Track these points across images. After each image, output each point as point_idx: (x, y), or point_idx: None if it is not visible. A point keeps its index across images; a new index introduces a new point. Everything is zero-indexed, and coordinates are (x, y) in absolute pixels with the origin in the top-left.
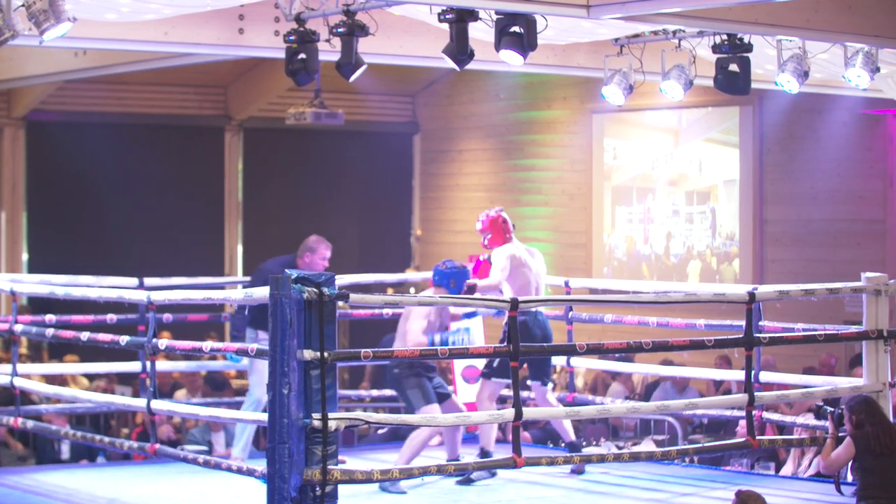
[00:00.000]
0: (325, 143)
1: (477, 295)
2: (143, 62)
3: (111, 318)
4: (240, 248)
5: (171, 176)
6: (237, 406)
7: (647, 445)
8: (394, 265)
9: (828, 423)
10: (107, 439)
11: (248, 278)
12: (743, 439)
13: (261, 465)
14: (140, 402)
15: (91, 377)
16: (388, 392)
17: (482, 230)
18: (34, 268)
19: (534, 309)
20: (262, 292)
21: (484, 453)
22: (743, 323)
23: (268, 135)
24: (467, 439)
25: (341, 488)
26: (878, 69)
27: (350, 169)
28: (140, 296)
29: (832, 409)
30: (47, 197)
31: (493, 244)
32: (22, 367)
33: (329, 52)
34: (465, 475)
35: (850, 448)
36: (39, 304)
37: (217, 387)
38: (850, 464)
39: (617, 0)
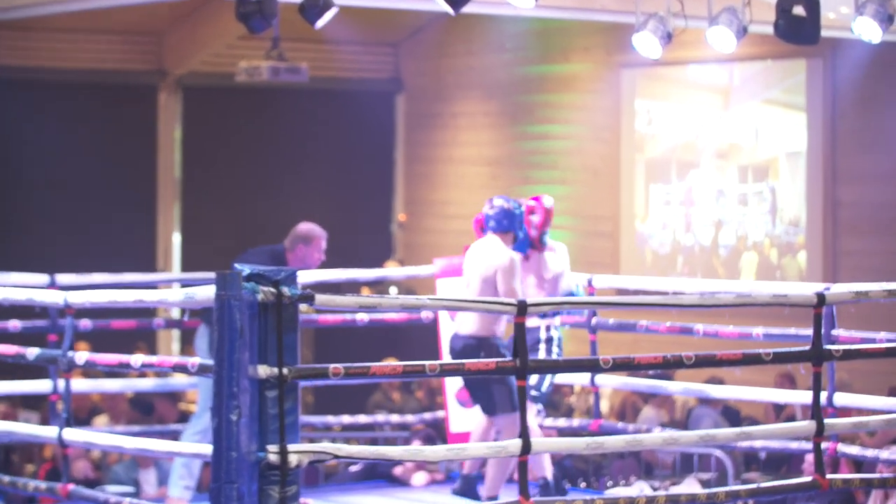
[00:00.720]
0: (285, 105)
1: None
2: (54, 4)
3: (14, 325)
4: (177, 237)
5: (91, 146)
6: (174, 436)
7: (689, 486)
8: (371, 258)
9: None
10: (7, 479)
11: (187, 275)
12: (810, 478)
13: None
14: (50, 431)
15: None
16: (364, 418)
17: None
18: None
19: (553, 324)
20: (206, 293)
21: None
22: (810, 332)
23: (213, 94)
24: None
25: None
26: None
27: (316, 137)
28: (55, 297)
29: None
30: None
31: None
32: None
33: None
34: None
35: None
36: None
37: (146, 411)
38: None
39: None
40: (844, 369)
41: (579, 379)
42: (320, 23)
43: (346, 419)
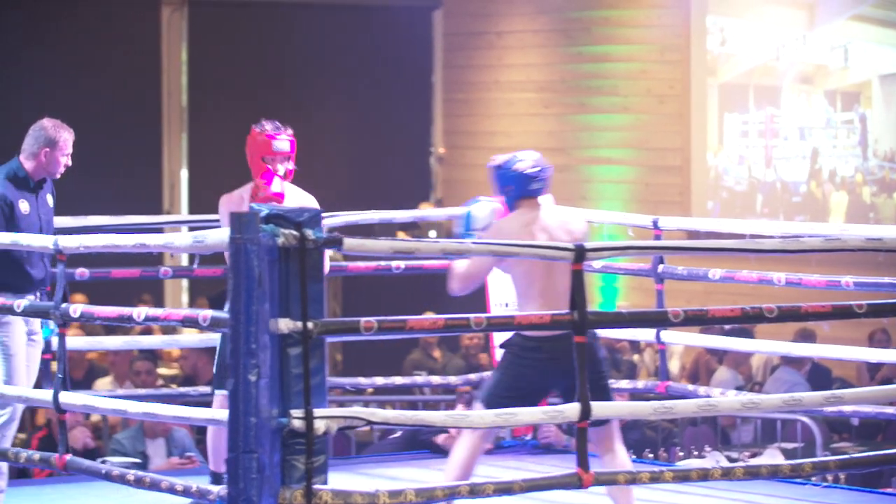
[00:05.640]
0: (306, 23)
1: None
2: None
3: None
4: (184, 174)
5: (85, 71)
6: (200, 401)
7: (770, 457)
8: (405, 198)
9: None
10: None
11: (196, 217)
12: None
13: (216, 485)
14: (44, 395)
15: None
16: (401, 380)
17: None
18: None
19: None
20: (217, 236)
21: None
22: None
23: (224, 10)
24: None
25: None
26: None
27: (341, 60)
28: (44, 242)
29: None
30: None
31: None
32: None
33: None
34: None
35: None
36: None
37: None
38: None
39: None
40: None
41: (644, 335)
42: None
43: (380, 381)
